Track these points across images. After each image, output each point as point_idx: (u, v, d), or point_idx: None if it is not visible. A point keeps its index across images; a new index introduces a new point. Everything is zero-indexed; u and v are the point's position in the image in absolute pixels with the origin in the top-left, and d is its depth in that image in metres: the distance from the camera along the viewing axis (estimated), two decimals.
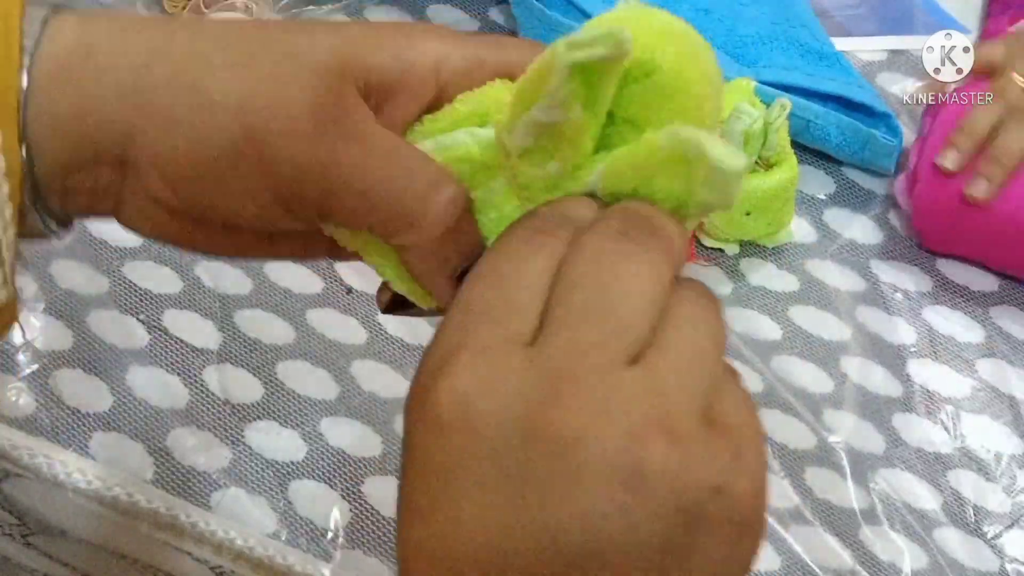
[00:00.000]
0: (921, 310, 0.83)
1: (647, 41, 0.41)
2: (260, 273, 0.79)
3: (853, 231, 0.86)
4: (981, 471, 0.76)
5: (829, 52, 0.92)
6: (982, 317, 0.83)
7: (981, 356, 0.81)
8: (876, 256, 0.85)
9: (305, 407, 0.75)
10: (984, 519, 0.74)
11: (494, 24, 0.95)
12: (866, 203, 0.88)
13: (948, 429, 0.78)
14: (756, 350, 0.80)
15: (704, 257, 0.84)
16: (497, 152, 0.43)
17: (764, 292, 0.83)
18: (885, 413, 0.78)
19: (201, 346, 0.76)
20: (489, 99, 0.44)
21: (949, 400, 0.79)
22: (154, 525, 0.71)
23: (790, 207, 0.82)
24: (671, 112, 0.42)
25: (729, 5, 0.94)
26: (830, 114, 0.87)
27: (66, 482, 0.71)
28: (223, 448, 0.73)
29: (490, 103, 0.44)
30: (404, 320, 0.80)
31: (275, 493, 0.72)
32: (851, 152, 0.88)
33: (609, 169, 0.41)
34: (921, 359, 0.80)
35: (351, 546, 0.71)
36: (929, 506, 0.74)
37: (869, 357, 0.80)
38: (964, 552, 0.73)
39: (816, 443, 0.76)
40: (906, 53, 0.96)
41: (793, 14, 0.94)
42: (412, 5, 0.96)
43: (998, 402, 0.79)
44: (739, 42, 0.92)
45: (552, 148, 0.41)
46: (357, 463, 0.74)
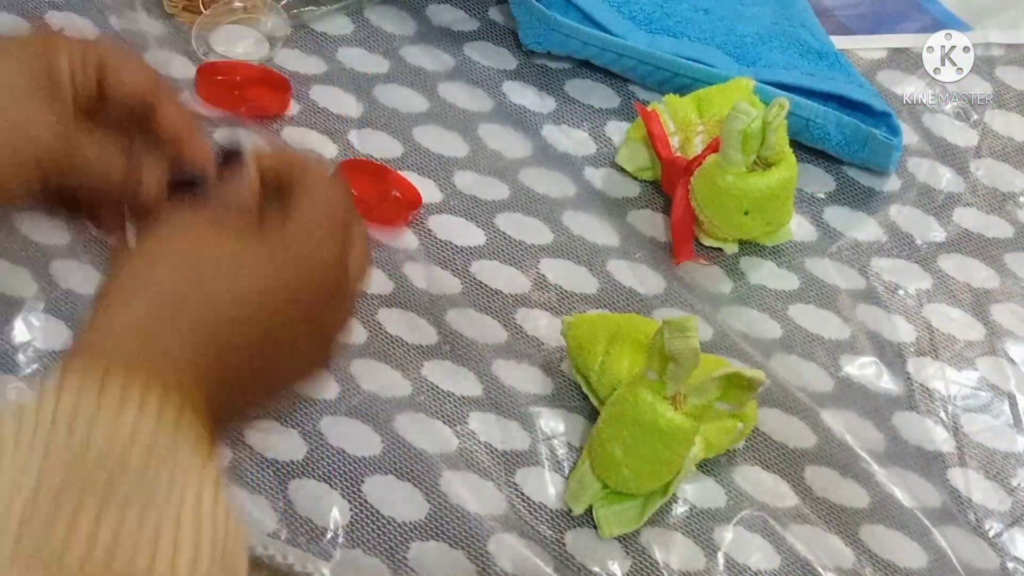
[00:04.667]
0: (921, 308, 0.83)
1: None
2: None
3: (853, 229, 0.86)
4: (981, 469, 0.76)
5: (829, 51, 0.92)
6: (982, 315, 0.83)
7: (981, 354, 0.81)
8: (876, 254, 0.85)
9: (305, 406, 0.75)
10: (985, 517, 0.74)
11: (494, 24, 0.96)
12: (866, 202, 0.88)
13: (948, 427, 0.78)
14: (756, 348, 0.80)
15: (704, 256, 0.84)
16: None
17: (764, 291, 0.83)
18: (885, 411, 0.78)
19: None
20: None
21: (949, 398, 0.79)
22: None
23: (789, 206, 0.82)
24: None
25: (729, 5, 0.94)
26: (830, 113, 0.87)
27: None
28: (223, 447, 0.73)
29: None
30: (404, 320, 0.80)
31: (275, 492, 0.72)
32: (851, 151, 0.88)
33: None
34: (921, 357, 0.80)
35: (351, 545, 0.71)
36: (930, 504, 0.74)
37: (869, 355, 0.80)
38: (965, 550, 0.73)
39: (815, 442, 0.76)
40: (906, 52, 0.96)
41: (793, 13, 0.94)
42: (413, 5, 0.97)
43: (998, 400, 0.79)
44: (739, 41, 0.92)
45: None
46: (357, 462, 0.74)
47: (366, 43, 0.95)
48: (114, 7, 0.95)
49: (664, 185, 0.86)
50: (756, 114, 0.77)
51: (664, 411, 0.68)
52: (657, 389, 0.68)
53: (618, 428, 0.70)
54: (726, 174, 0.79)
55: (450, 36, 0.95)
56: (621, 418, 0.69)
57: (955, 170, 0.90)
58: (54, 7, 0.95)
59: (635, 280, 0.83)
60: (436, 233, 0.84)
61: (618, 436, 0.70)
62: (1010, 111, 0.94)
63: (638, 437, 0.69)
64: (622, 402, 0.70)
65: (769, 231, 0.83)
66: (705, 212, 0.81)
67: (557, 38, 0.91)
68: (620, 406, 0.70)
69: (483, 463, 0.74)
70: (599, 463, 0.71)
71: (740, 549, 0.73)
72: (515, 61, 0.94)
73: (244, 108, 0.89)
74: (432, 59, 0.94)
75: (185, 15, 0.94)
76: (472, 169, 0.88)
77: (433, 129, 0.90)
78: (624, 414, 0.69)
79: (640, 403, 0.68)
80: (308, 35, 0.95)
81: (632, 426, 0.69)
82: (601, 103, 0.92)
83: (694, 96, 0.86)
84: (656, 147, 0.84)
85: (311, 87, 0.92)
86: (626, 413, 0.69)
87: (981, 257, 0.86)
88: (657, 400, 0.68)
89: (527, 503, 0.73)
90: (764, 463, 0.75)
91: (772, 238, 0.84)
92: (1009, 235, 0.87)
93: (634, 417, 0.69)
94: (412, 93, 0.92)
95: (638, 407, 0.68)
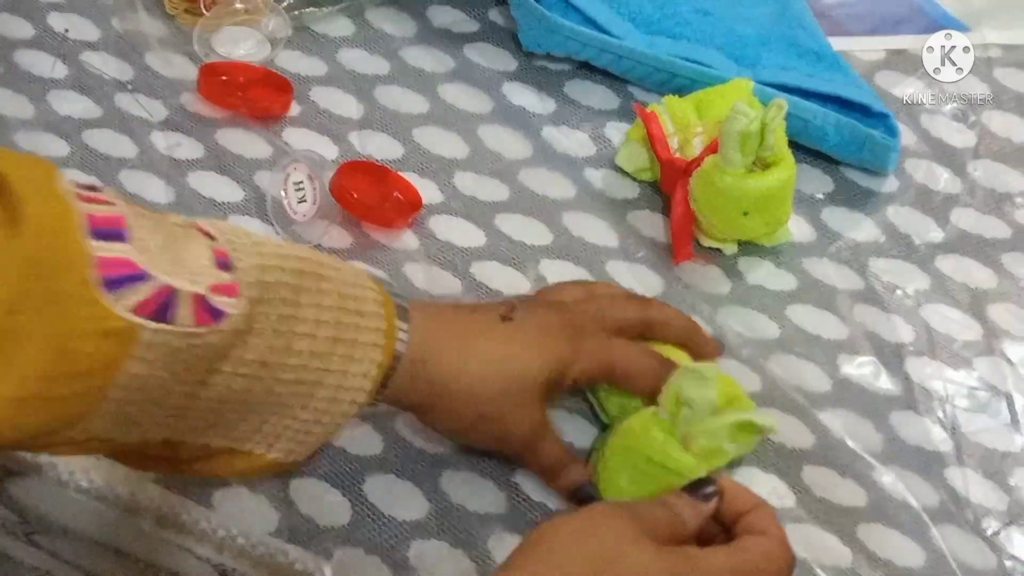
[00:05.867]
0: (919, 308, 0.83)
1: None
2: None
3: (851, 230, 0.87)
4: (979, 468, 0.76)
5: (827, 52, 0.92)
6: (980, 315, 0.83)
7: (979, 354, 0.81)
8: (874, 255, 0.85)
9: None
10: (983, 516, 0.74)
11: (494, 25, 0.96)
12: (864, 202, 0.88)
13: (946, 427, 0.78)
14: (754, 349, 0.80)
15: (702, 257, 0.84)
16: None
17: (762, 291, 0.83)
18: (883, 411, 0.78)
19: None
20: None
21: (947, 398, 0.79)
22: (156, 523, 0.71)
23: (788, 207, 0.83)
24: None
25: (728, 6, 0.94)
26: (828, 114, 0.88)
27: (69, 481, 0.72)
28: None
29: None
30: None
31: (276, 491, 0.72)
32: (849, 152, 0.88)
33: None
34: (919, 357, 0.80)
35: (352, 544, 0.71)
36: (928, 503, 0.74)
37: (867, 355, 0.80)
38: (963, 549, 0.73)
39: (813, 441, 0.76)
40: (905, 53, 0.96)
41: (792, 15, 0.95)
42: (413, 6, 0.97)
43: (996, 400, 0.79)
44: (738, 42, 0.92)
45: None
46: (358, 461, 0.74)
47: (367, 44, 0.95)
48: (115, 8, 0.95)
49: (663, 186, 0.86)
50: (755, 115, 0.77)
51: (673, 451, 0.69)
52: (668, 429, 0.69)
53: (625, 459, 0.70)
54: (725, 175, 0.79)
55: (450, 37, 0.95)
56: (629, 451, 0.70)
57: (953, 171, 0.90)
58: (55, 8, 0.95)
59: (634, 280, 0.83)
60: (436, 234, 0.85)
61: (625, 467, 0.70)
62: (1008, 112, 0.94)
63: (646, 473, 0.69)
64: (632, 435, 0.70)
65: (768, 232, 0.84)
66: (704, 213, 0.82)
67: (557, 39, 0.91)
68: (629, 439, 0.70)
69: (483, 462, 0.74)
70: (605, 487, 0.71)
71: None
72: (515, 62, 0.94)
73: (245, 109, 0.89)
74: (432, 60, 0.94)
75: (186, 16, 0.94)
76: (472, 170, 0.88)
77: (433, 130, 0.90)
78: (633, 447, 0.70)
79: (651, 441, 0.69)
80: (309, 36, 0.95)
81: (640, 461, 0.69)
82: (601, 104, 0.92)
83: (693, 97, 0.87)
84: (655, 148, 0.84)
85: (312, 88, 0.92)
86: (635, 447, 0.70)
87: (979, 257, 0.86)
88: (668, 440, 0.69)
89: (527, 502, 0.73)
90: (762, 463, 0.75)
91: (771, 239, 0.85)
92: (1007, 236, 0.87)
93: (643, 452, 0.69)
94: (412, 94, 0.92)
95: (649, 444, 0.69)
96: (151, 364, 0.56)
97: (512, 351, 0.69)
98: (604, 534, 0.58)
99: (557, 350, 0.70)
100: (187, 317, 0.56)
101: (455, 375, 0.68)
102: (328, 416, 0.64)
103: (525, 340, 0.69)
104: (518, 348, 0.69)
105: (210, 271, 0.58)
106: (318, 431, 0.65)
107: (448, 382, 0.67)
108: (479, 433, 0.70)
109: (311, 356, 0.62)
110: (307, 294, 0.62)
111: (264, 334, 0.60)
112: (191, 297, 0.56)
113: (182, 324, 0.56)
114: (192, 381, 0.59)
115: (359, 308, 0.64)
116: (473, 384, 0.68)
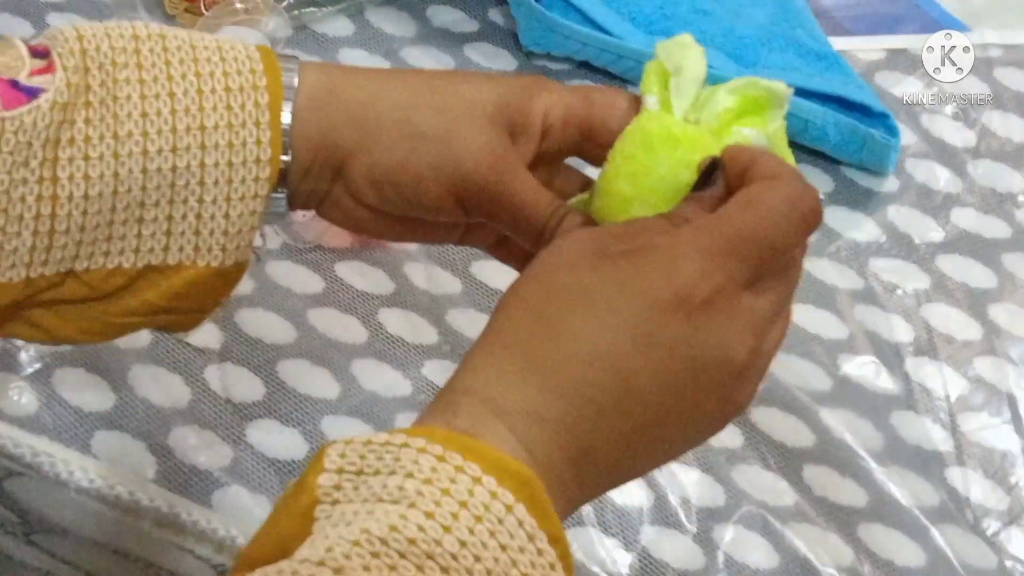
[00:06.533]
0: (919, 308, 0.83)
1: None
2: (261, 273, 0.80)
3: (851, 230, 0.87)
4: (980, 468, 0.76)
5: (827, 52, 0.92)
6: (980, 315, 0.83)
7: (979, 354, 0.81)
8: (874, 254, 0.85)
9: (306, 406, 0.75)
10: (983, 516, 0.74)
11: (494, 25, 0.96)
12: (864, 202, 0.88)
13: (946, 426, 0.78)
14: None
15: None
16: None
17: None
18: (883, 411, 0.78)
19: (202, 345, 0.76)
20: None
21: (947, 397, 0.79)
22: (156, 523, 0.71)
23: None
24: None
25: (728, 6, 0.94)
26: (828, 114, 0.88)
27: (68, 480, 0.72)
28: (224, 447, 0.73)
29: None
30: (404, 319, 0.80)
31: (276, 491, 0.72)
32: (849, 152, 0.88)
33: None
34: (919, 357, 0.80)
35: None
36: (928, 503, 0.75)
37: (867, 355, 0.80)
38: (963, 549, 0.73)
39: (814, 441, 0.76)
40: (905, 52, 0.97)
41: (792, 15, 0.95)
42: (413, 6, 0.97)
43: (996, 399, 0.79)
44: (738, 43, 0.92)
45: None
46: None
47: (367, 44, 0.95)
48: (115, 8, 0.95)
49: None
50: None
51: (674, 126, 0.58)
52: (665, 107, 0.60)
53: (625, 163, 0.59)
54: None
55: (450, 37, 0.95)
56: (626, 153, 0.59)
57: (953, 171, 0.90)
58: (55, 8, 0.95)
59: None
60: None
61: (626, 170, 0.59)
62: (1008, 112, 0.94)
63: (651, 160, 0.58)
64: (628, 137, 0.59)
65: None
66: None
67: (557, 39, 0.91)
68: (625, 142, 0.59)
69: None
70: (607, 209, 0.60)
71: (739, 547, 0.73)
72: (515, 62, 0.94)
73: None
74: (432, 60, 0.94)
75: (186, 16, 0.94)
76: None
77: None
78: (629, 150, 0.59)
79: (646, 123, 0.59)
80: (309, 36, 0.95)
81: (642, 152, 0.59)
82: None
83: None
84: None
85: None
86: (633, 145, 0.59)
87: (979, 257, 0.86)
88: (666, 115, 0.59)
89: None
90: (763, 462, 0.75)
91: None
92: (1007, 235, 0.87)
93: (643, 141, 0.59)
94: None
95: (645, 129, 0.59)
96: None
97: (454, 77, 0.59)
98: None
99: (514, 79, 0.60)
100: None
101: (376, 93, 0.57)
102: (239, 190, 0.55)
103: (471, 73, 0.62)
104: (461, 76, 0.60)
105: (24, 62, 0.54)
106: (239, 213, 0.56)
107: (370, 104, 0.56)
108: (420, 168, 0.56)
109: (176, 117, 0.55)
110: (150, 56, 0.55)
111: (106, 104, 0.54)
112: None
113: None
114: (37, 179, 0.53)
115: (224, 57, 0.56)
116: (401, 101, 0.56)
